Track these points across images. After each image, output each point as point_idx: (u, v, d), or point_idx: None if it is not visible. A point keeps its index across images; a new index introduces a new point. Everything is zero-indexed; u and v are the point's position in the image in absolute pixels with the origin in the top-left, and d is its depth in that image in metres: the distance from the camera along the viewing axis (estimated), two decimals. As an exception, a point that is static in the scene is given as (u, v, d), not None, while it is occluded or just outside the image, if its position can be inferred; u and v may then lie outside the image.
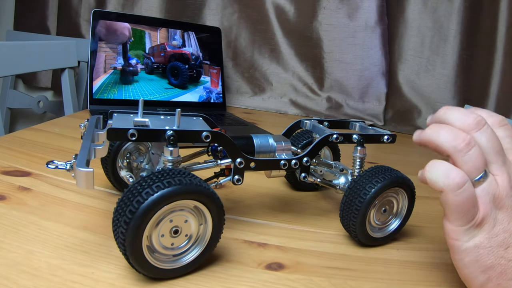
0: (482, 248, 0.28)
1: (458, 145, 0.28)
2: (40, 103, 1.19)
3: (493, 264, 0.28)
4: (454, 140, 0.28)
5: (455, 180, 0.27)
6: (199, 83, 0.94)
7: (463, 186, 0.27)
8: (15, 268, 0.29)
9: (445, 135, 0.29)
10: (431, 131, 0.30)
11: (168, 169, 0.30)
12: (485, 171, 0.28)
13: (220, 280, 0.32)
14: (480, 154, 0.28)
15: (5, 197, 0.40)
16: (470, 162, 0.28)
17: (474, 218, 0.28)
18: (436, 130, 0.29)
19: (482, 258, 0.28)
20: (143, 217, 0.27)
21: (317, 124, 0.45)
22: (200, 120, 0.39)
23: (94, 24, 0.80)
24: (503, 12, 0.95)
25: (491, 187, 0.28)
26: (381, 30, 1.02)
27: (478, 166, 0.28)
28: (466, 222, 0.28)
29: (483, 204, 0.28)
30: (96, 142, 0.35)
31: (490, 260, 0.28)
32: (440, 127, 0.29)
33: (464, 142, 0.28)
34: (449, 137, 0.28)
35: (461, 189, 0.27)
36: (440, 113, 0.31)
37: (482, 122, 0.29)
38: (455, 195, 0.27)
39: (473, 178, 0.28)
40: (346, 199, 0.38)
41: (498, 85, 0.98)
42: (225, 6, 1.07)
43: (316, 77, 1.10)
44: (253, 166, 0.37)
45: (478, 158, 0.28)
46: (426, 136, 0.30)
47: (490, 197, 0.28)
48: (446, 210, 0.29)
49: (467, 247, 0.28)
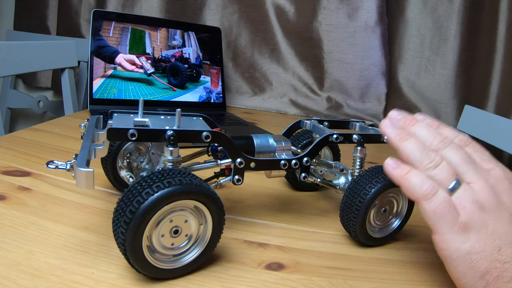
0: (475, 254, 0.28)
1: (426, 164, 0.31)
2: (40, 103, 1.19)
3: (489, 268, 0.28)
4: (423, 159, 0.31)
5: (426, 189, 0.30)
6: (199, 83, 0.94)
7: (435, 194, 0.29)
8: (15, 268, 0.29)
9: (416, 154, 0.32)
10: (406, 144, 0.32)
11: (168, 169, 0.30)
12: (457, 180, 0.30)
13: (220, 280, 0.32)
14: (448, 167, 0.31)
15: (5, 197, 0.40)
16: (439, 175, 0.30)
17: (456, 223, 0.29)
18: (409, 146, 0.32)
19: (476, 264, 0.28)
20: (143, 217, 0.27)
21: (317, 124, 0.45)
22: (200, 120, 0.39)
23: (94, 24, 0.80)
24: (503, 12, 0.95)
25: (468, 193, 0.29)
26: (381, 30, 1.02)
27: (448, 177, 0.30)
28: (448, 228, 0.29)
29: (463, 209, 0.29)
30: (96, 142, 0.35)
31: (484, 265, 0.28)
32: (412, 144, 0.32)
33: (431, 162, 0.31)
34: (419, 156, 0.32)
35: (433, 196, 0.29)
36: (409, 124, 0.34)
37: (447, 140, 0.32)
38: (428, 203, 0.29)
39: (446, 188, 0.30)
40: (346, 199, 0.38)
41: (498, 85, 0.98)
42: (225, 6, 1.07)
43: (316, 77, 1.10)
44: (253, 166, 0.37)
45: (446, 171, 0.30)
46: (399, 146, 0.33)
47: (470, 202, 0.29)
48: (426, 220, 0.30)
49: (459, 255, 0.28)
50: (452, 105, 1.03)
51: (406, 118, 0.35)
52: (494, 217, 0.29)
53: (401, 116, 0.35)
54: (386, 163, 0.33)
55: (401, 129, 0.34)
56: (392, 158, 0.33)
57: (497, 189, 0.30)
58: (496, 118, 0.88)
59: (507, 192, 0.30)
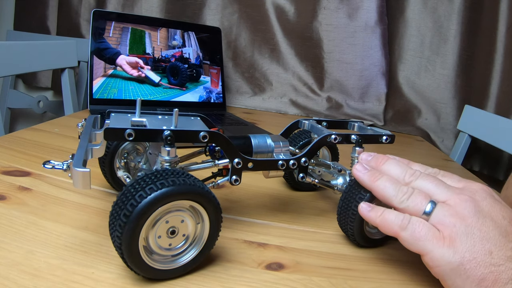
0: (467, 263, 0.28)
1: (401, 198, 0.33)
2: (40, 103, 1.19)
3: (484, 274, 0.28)
4: (397, 194, 0.33)
5: (401, 220, 0.32)
6: (199, 83, 0.94)
7: (409, 221, 0.31)
8: (15, 268, 0.29)
9: (389, 190, 0.34)
10: (379, 183, 0.35)
11: (162, 170, 0.29)
12: (431, 201, 0.32)
13: (220, 280, 0.32)
14: (420, 194, 0.33)
15: (5, 197, 0.40)
16: (414, 203, 0.32)
17: (438, 239, 0.30)
18: (382, 184, 0.34)
19: (471, 273, 0.28)
20: (138, 220, 0.27)
21: (316, 124, 0.45)
22: (198, 120, 0.39)
23: (94, 24, 0.80)
24: (503, 12, 0.95)
25: (444, 210, 0.31)
26: (381, 30, 1.02)
27: (423, 202, 0.32)
28: (432, 245, 0.30)
29: (442, 225, 0.30)
30: (93, 142, 0.35)
31: (479, 271, 0.28)
32: (384, 181, 0.35)
33: (403, 194, 0.33)
34: (392, 191, 0.34)
35: (408, 224, 0.31)
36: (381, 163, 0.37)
37: (417, 173, 0.35)
38: (405, 231, 0.31)
39: (422, 212, 0.32)
40: (343, 203, 0.38)
41: (498, 85, 0.98)
42: (225, 6, 1.07)
43: (316, 77, 1.10)
44: (251, 166, 0.37)
45: (419, 197, 0.32)
46: (373, 186, 0.35)
47: (448, 217, 0.30)
48: (410, 248, 0.31)
49: (452, 268, 0.29)
50: (452, 105, 1.03)
51: (377, 157, 0.37)
52: (478, 224, 0.29)
53: (371, 157, 0.38)
54: (360, 207, 0.35)
55: (372, 170, 0.36)
56: (364, 202, 0.35)
57: (475, 198, 0.31)
58: (496, 118, 0.88)
59: (483, 200, 0.31)
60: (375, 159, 0.37)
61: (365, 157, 0.38)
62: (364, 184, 0.36)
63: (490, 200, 0.32)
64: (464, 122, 0.96)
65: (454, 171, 0.38)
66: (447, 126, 1.04)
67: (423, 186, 0.34)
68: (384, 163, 0.37)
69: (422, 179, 0.34)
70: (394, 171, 0.36)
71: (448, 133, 1.04)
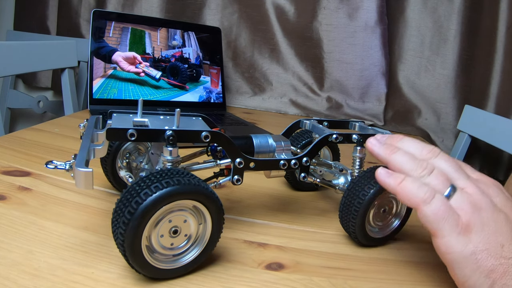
0: (479, 253, 0.28)
1: (420, 172, 0.32)
2: (40, 103, 1.19)
3: (494, 265, 0.28)
4: (416, 168, 0.32)
5: (425, 194, 0.30)
6: (199, 83, 0.94)
7: (434, 197, 0.30)
8: (15, 268, 0.29)
9: (408, 164, 0.32)
10: (396, 156, 0.33)
11: (166, 169, 0.29)
12: (452, 186, 0.31)
13: (220, 280, 0.32)
14: (441, 174, 0.31)
15: (5, 197, 0.40)
16: (434, 182, 0.31)
17: (457, 225, 0.29)
18: (400, 158, 0.33)
19: (482, 263, 0.28)
20: (142, 217, 0.27)
21: (317, 124, 0.45)
22: (199, 120, 0.39)
23: (94, 24, 0.80)
24: (503, 12, 0.95)
25: (464, 197, 0.30)
26: (381, 30, 1.02)
27: (443, 184, 0.31)
28: (450, 230, 0.29)
29: (462, 211, 0.30)
30: (95, 142, 0.35)
31: (490, 262, 0.28)
32: (401, 155, 0.33)
33: (423, 169, 0.32)
34: (411, 165, 0.32)
35: (432, 199, 0.30)
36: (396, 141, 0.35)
37: (436, 150, 0.33)
38: (428, 206, 0.30)
39: (442, 194, 0.30)
40: (345, 201, 0.38)
41: (498, 85, 0.98)
42: (225, 6, 1.07)
43: (316, 77, 1.10)
44: (253, 166, 0.37)
45: (440, 178, 0.31)
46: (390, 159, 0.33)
47: (467, 204, 0.30)
48: (427, 225, 0.30)
49: (465, 256, 0.29)
50: (452, 105, 1.03)
51: (392, 136, 0.36)
52: (493, 217, 0.29)
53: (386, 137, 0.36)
54: (377, 173, 0.33)
55: (388, 144, 0.35)
56: (382, 167, 0.33)
57: (488, 193, 0.31)
58: (496, 118, 0.88)
59: (497, 196, 0.31)
60: (391, 137, 0.36)
61: (380, 136, 0.36)
62: (379, 157, 0.34)
63: (503, 196, 0.32)
64: (464, 122, 0.96)
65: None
66: (447, 126, 1.04)
67: (443, 166, 0.32)
68: (400, 140, 0.35)
69: (442, 158, 0.33)
70: (411, 147, 0.34)
71: (448, 133, 1.04)
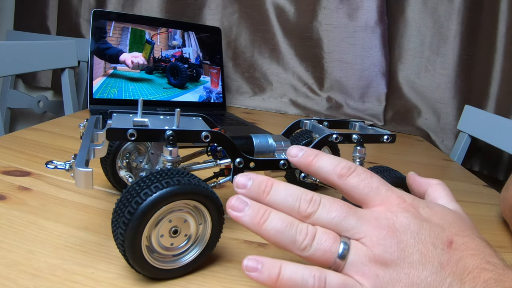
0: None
1: (301, 243, 0.25)
2: (40, 103, 1.19)
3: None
4: (295, 238, 0.25)
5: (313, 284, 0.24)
6: (199, 83, 0.94)
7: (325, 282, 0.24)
8: (15, 268, 0.29)
9: (285, 235, 0.25)
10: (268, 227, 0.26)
11: (166, 169, 0.30)
12: (343, 242, 0.25)
13: (220, 280, 0.32)
14: (326, 233, 0.25)
15: (5, 197, 0.40)
16: (321, 248, 0.25)
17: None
18: (273, 229, 0.25)
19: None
20: (142, 217, 0.27)
21: (317, 124, 0.45)
22: (199, 120, 0.39)
23: (94, 24, 0.80)
24: (503, 12, 0.95)
25: (362, 254, 0.25)
26: (381, 30, 1.02)
27: (332, 244, 0.25)
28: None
29: (363, 276, 0.25)
30: (95, 142, 0.35)
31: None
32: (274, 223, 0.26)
33: (305, 236, 0.25)
34: (289, 235, 0.25)
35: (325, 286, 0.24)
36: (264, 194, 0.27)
37: (315, 199, 0.27)
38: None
39: (335, 256, 0.25)
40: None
41: (498, 85, 0.98)
42: (225, 6, 1.07)
43: (316, 77, 1.10)
44: (253, 166, 0.37)
45: (326, 238, 0.25)
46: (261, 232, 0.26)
47: (368, 263, 0.25)
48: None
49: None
50: (452, 105, 1.03)
51: (259, 183, 0.28)
52: (403, 267, 0.24)
53: (250, 183, 0.28)
54: (244, 267, 0.25)
55: (254, 206, 0.26)
56: (250, 258, 0.25)
57: (394, 225, 0.26)
58: (496, 118, 0.88)
59: (403, 217, 0.26)
60: (257, 185, 0.27)
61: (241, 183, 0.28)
62: (249, 229, 0.26)
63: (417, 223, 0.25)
64: (464, 122, 0.96)
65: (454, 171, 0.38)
66: (447, 126, 1.04)
67: (327, 219, 0.26)
68: (268, 194, 0.27)
69: (323, 209, 0.26)
70: (284, 202, 0.27)
71: (448, 133, 1.04)
